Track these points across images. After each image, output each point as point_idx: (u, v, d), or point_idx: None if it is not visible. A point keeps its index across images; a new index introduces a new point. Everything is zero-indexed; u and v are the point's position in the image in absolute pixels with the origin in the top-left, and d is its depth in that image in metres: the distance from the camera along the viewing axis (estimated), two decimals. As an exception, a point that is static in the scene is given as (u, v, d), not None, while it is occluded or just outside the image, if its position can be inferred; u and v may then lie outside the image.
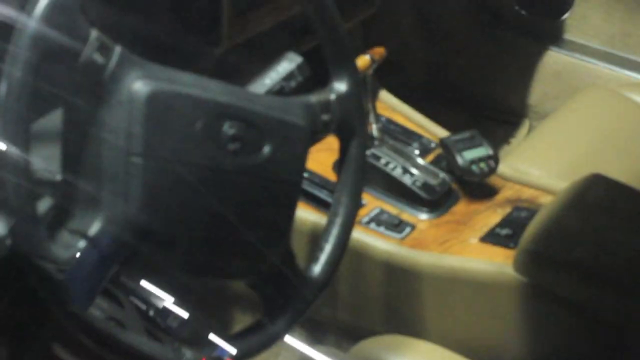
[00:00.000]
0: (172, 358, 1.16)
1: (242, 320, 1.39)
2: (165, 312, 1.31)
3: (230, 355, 1.24)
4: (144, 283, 1.25)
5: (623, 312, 1.47)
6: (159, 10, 1.44)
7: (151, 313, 1.30)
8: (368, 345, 1.49)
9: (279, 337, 1.27)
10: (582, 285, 1.49)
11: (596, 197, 1.59)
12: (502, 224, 1.66)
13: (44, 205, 1.09)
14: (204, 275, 1.25)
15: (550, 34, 2.34)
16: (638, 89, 2.05)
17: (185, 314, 1.31)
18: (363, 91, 1.40)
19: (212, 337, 1.27)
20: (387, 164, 1.74)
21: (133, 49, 1.11)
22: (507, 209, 1.70)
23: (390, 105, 1.92)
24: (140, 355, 1.13)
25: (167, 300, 1.29)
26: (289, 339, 1.34)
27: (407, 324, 1.63)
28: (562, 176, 1.71)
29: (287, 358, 1.53)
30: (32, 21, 1.00)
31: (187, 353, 1.17)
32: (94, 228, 1.08)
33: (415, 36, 2.35)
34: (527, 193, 1.76)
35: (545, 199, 1.68)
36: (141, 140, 1.10)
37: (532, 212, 1.64)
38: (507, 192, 1.77)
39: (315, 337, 1.68)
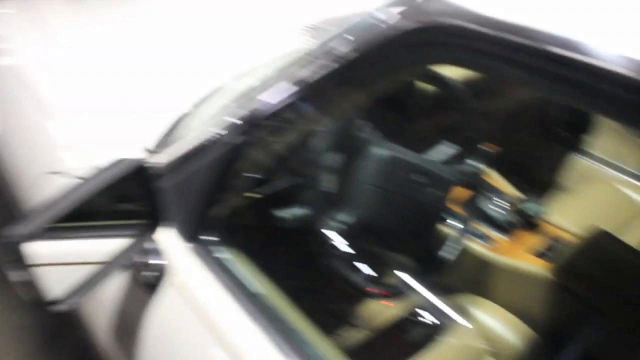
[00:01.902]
0: (366, 287, 1.13)
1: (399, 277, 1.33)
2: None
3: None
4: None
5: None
6: (389, 114, 1.41)
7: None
8: (461, 298, 1.41)
9: (422, 285, 1.24)
10: (589, 290, 1.38)
11: (603, 241, 1.46)
12: (545, 247, 1.54)
13: (326, 203, 1.08)
14: (391, 250, 1.22)
15: (575, 146, 2.14)
16: (626, 185, 1.87)
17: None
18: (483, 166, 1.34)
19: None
20: (486, 205, 1.61)
21: (378, 132, 1.11)
22: (548, 240, 1.58)
23: (490, 175, 1.78)
24: (353, 283, 1.12)
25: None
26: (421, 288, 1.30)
27: (482, 291, 1.51)
28: (578, 226, 1.57)
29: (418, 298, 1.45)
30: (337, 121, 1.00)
31: (375, 286, 1.15)
32: (348, 218, 1.08)
33: (507, 139, 2.19)
34: (558, 232, 1.61)
35: (569, 237, 1.55)
36: (375, 178, 1.09)
37: (561, 243, 1.52)
38: (548, 229, 1.63)
39: (434, 289, 1.61)
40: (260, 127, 0.82)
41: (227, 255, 0.93)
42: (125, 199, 0.87)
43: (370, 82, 0.74)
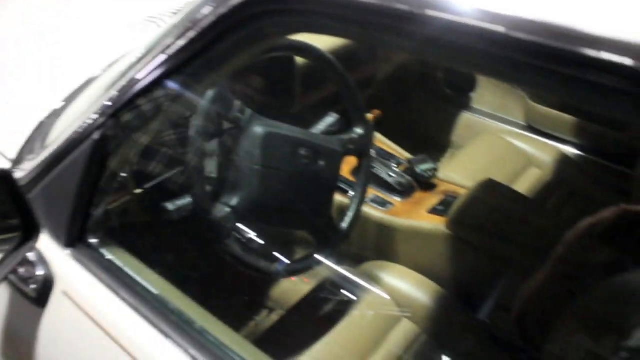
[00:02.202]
0: (269, 268, 1.21)
1: (302, 252, 1.40)
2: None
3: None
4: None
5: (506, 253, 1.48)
6: (268, 90, 1.47)
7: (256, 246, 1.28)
8: (367, 265, 1.50)
9: (325, 259, 1.31)
10: (479, 236, 1.51)
11: (489, 190, 1.60)
12: (440, 203, 1.67)
13: (209, 189, 1.12)
14: (289, 227, 1.27)
15: (464, 104, 2.33)
16: (509, 134, 2.03)
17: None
18: (371, 132, 1.44)
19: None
20: (379, 171, 1.75)
21: (256, 111, 1.16)
22: (442, 196, 1.71)
23: (380, 140, 1.92)
24: (255, 267, 1.18)
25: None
26: (326, 261, 1.37)
27: (387, 256, 1.63)
28: (470, 180, 1.71)
29: (325, 272, 1.54)
30: (206, 98, 1.05)
31: (279, 267, 1.22)
32: (234, 201, 1.13)
33: (395, 103, 2.35)
34: (453, 188, 1.76)
35: (462, 191, 1.68)
36: (259, 158, 1.15)
37: (455, 197, 1.65)
38: (442, 187, 1.78)
39: (340, 261, 1.70)
40: (130, 111, 0.85)
41: (113, 256, 0.95)
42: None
43: (229, 56, 0.79)
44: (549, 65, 0.53)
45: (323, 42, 1.29)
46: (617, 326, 0.80)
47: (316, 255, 1.30)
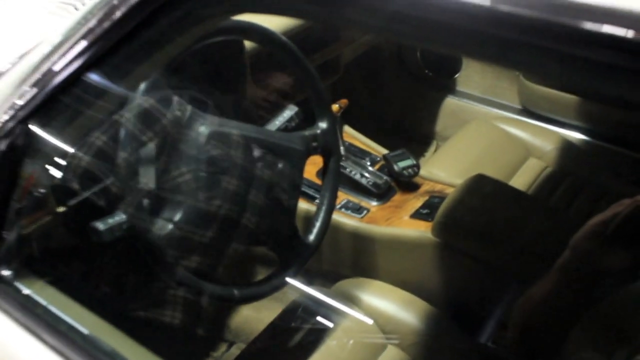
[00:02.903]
0: (225, 294, 1.21)
1: (264, 272, 1.41)
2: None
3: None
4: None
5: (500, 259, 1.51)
6: (212, 82, 1.47)
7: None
8: (342, 284, 1.50)
9: (288, 281, 1.30)
10: (472, 243, 1.53)
11: (480, 188, 1.62)
12: (423, 206, 1.69)
13: (146, 203, 1.11)
14: (246, 244, 1.27)
15: (448, 87, 2.37)
16: (503, 120, 2.08)
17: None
18: (336, 126, 1.45)
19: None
20: (351, 171, 1.77)
21: (198, 107, 1.17)
22: (426, 197, 1.74)
23: (350, 134, 1.94)
24: (206, 293, 1.18)
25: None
26: (294, 282, 1.37)
27: (365, 271, 1.65)
28: (458, 176, 1.74)
29: (292, 294, 1.55)
30: (139, 94, 1.05)
31: (236, 292, 1.22)
32: (178, 216, 1.13)
33: (365, 91, 2.37)
34: (438, 187, 1.79)
35: (449, 190, 1.71)
36: (204, 162, 1.15)
37: (441, 198, 1.67)
38: (426, 186, 1.80)
39: (310, 281, 1.71)
40: (47, 112, 0.84)
41: (31, 290, 0.93)
42: None
43: (164, 41, 0.79)
44: (544, 43, 0.55)
45: (276, 24, 1.30)
46: (633, 339, 0.83)
47: (280, 275, 1.31)
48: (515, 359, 1.03)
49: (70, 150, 1.02)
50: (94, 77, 0.84)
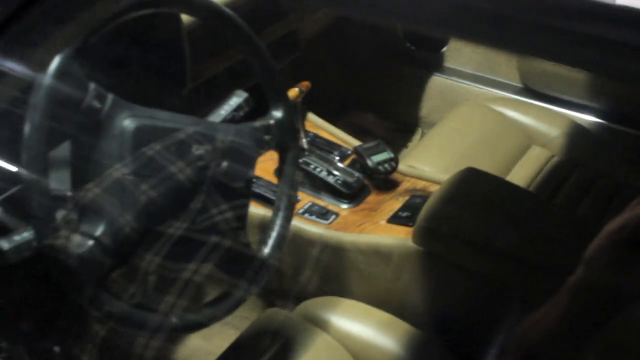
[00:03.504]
0: (162, 323, 1.19)
1: (213, 294, 1.41)
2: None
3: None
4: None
5: (490, 268, 1.51)
6: (140, 65, 1.46)
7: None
8: (307, 305, 1.52)
9: (242, 302, 1.30)
10: (460, 251, 1.53)
11: (470, 184, 1.62)
12: (403, 208, 1.69)
13: (60, 215, 1.09)
14: (185, 261, 1.27)
15: (434, 64, 2.38)
16: (500, 102, 2.09)
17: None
18: (294, 115, 1.45)
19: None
20: (315, 168, 1.77)
21: (121, 95, 1.16)
22: (406, 197, 1.74)
23: (315, 124, 1.95)
24: (137, 323, 1.17)
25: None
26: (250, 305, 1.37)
27: (335, 288, 1.65)
28: (446, 170, 1.75)
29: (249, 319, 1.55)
30: (47, 79, 1.03)
31: (174, 320, 1.21)
32: (99, 231, 1.12)
33: (333, 71, 2.38)
34: (421, 184, 1.80)
35: (434, 188, 1.71)
36: (131, 163, 1.14)
37: (424, 198, 1.67)
38: (406, 184, 1.81)
39: (269, 302, 1.71)
40: None
41: None
42: None
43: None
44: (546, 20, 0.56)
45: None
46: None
47: (230, 298, 1.30)
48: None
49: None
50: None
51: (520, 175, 1.85)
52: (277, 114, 1.35)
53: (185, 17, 1.56)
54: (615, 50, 0.56)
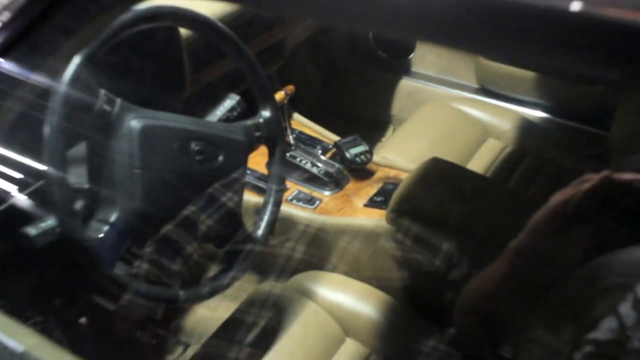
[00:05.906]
0: (170, 296, 1.21)
1: (214, 271, 1.42)
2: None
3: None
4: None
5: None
6: (144, 73, 1.46)
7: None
8: (297, 278, 1.52)
9: (237, 278, 1.31)
10: (425, 228, 1.52)
11: (435, 172, 1.63)
12: (377, 194, 1.71)
13: (79, 205, 1.12)
14: (189, 241, 1.27)
15: (403, 68, 2.38)
16: (460, 101, 2.09)
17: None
18: (281, 115, 1.45)
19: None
20: (301, 160, 1.78)
21: (128, 99, 1.16)
22: (380, 184, 1.75)
23: (300, 122, 1.95)
24: (149, 296, 1.18)
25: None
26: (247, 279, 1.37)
27: (321, 264, 1.66)
28: (414, 160, 1.74)
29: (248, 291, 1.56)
30: (62, 86, 1.03)
31: (181, 293, 1.22)
32: (113, 217, 1.13)
33: (314, 75, 2.37)
34: (393, 173, 1.80)
35: (404, 176, 1.71)
36: (138, 159, 1.14)
37: (396, 184, 1.68)
38: (380, 173, 1.82)
39: (264, 276, 1.71)
40: None
41: None
42: None
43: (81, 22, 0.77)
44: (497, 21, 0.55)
45: (213, 10, 1.29)
46: (585, 318, 0.83)
47: (228, 274, 1.30)
48: (465, 344, 1.03)
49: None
50: (6, 66, 0.82)
51: (478, 163, 1.86)
52: (266, 113, 1.35)
53: (183, 31, 1.56)
54: (560, 52, 0.56)
